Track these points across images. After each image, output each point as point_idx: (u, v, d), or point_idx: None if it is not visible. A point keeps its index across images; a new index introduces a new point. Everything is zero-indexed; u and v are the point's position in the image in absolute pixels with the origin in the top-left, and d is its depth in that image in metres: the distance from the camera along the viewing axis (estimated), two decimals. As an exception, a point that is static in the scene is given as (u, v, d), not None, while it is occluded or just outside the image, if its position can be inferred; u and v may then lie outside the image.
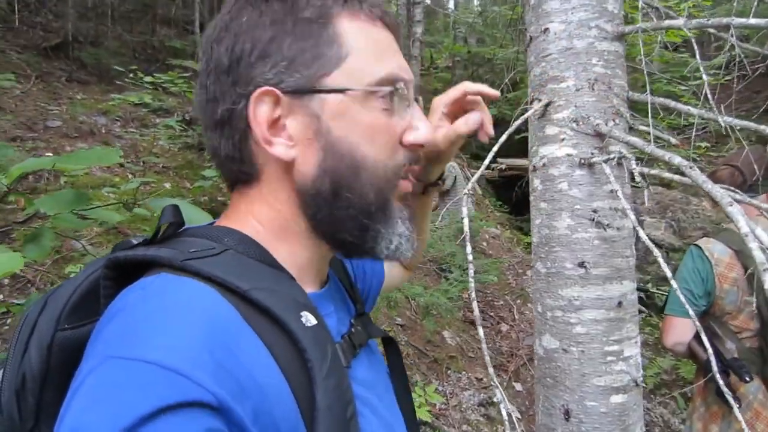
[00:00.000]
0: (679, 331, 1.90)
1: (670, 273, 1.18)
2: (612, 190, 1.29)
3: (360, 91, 0.57)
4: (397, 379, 0.74)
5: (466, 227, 1.25)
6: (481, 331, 1.15)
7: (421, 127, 0.63)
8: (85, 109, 5.67)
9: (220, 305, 0.48)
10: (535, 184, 1.45)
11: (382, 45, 0.61)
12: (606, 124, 1.31)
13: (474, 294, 1.21)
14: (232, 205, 0.64)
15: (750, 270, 1.78)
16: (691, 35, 1.27)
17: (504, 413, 1.08)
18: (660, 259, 1.16)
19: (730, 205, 0.95)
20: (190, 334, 0.44)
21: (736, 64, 1.48)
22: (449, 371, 3.93)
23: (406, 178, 0.63)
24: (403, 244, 0.62)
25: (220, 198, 4.62)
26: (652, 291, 4.41)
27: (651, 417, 3.75)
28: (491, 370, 1.13)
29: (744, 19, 1.15)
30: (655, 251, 1.15)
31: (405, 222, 0.63)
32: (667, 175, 1.20)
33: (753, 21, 1.15)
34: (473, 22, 12.19)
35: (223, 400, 0.41)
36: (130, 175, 4.57)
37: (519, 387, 4.09)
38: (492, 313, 5.10)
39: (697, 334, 1.82)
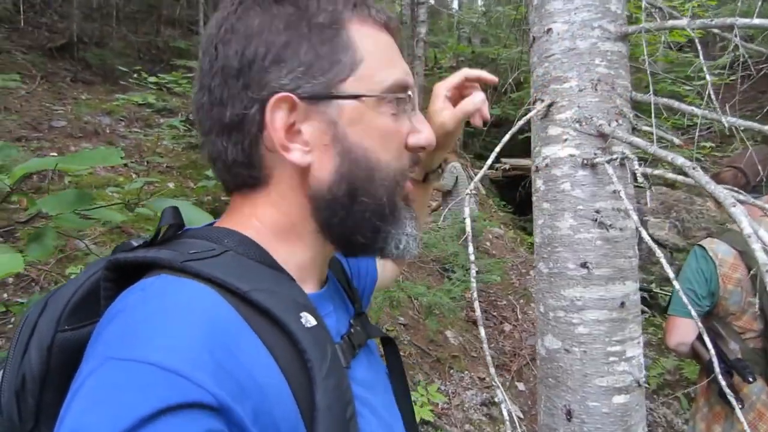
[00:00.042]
0: (683, 331, 1.89)
1: (672, 274, 1.17)
2: (615, 191, 1.29)
3: (374, 97, 0.58)
4: (396, 379, 0.74)
5: (468, 227, 1.25)
6: (483, 332, 1.15)
7: (424, 130, 0.64)
8: (90, 110, 5.70)
9: (220, 306, 0.49)
10: (538, 184, 1.45)
11: (390, 50, 0.62)
12: (609, 125, 1.31)
13: (476, 294, 1.21)
14: (233, 208, 0.63)
15: (753, 271, 1.77)
16: (695, 35, 1.27)
17: (505, 413, 1.08)
18: (662, 260, 1.15)
19: (733, 205, 0.95)
20: (190, 335, 0.44)
21: (740, 65, 1.47)
22: (452, 371, 3.93)
23: (408, 179, 0.65)
24: (410, 243, 0.64)
25: (223, 198, 4.63)
26: (655, 291, 4.40)
27: (654, 417, 3.75)
28: (492, 371, 1.13)
29: (748, 19, 1.15)
30: (658, 252, 1.15)
31: (411, 222, 0.64)
32: (670, 176, 1.20)
33: (757, 21, 1.14)
34: (477, 22, 12.19)
35: (223, 401, 0.41)
36: (134, 175, 4.59)
37: (522, 387, 4.09)
38: (495, 313, 5.10)
39: (700, 334, 1.82)
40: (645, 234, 1.19)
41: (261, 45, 0.56)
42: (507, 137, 1.36)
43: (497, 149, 1.34)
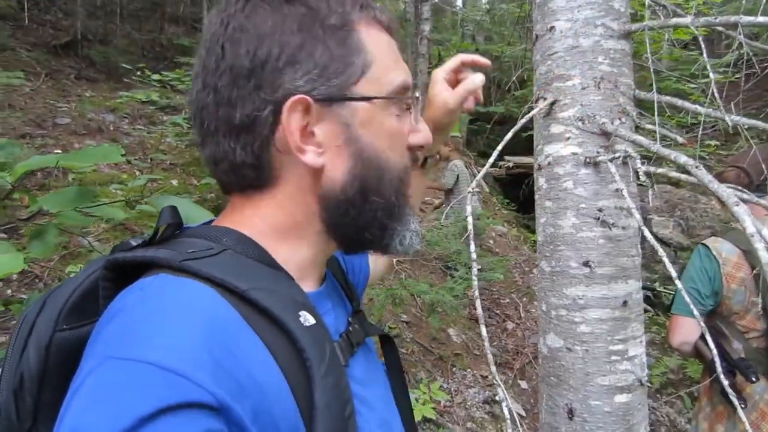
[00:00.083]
0: (686, 330, 1.88)
1: (675, 273, 1.17)
2: (617, 189, 1.28)
3: (384, 98, 0.59)
4: (394, 376, 0.75)
5: (470, 225, 1.25)
6: (484, 330, 1.14)
7: (423, 129, 0.66)
8: (94, 107, 5.71)
9: (219, 305, 0.49)
10: (540, 182, 1.44)
11: (394, 51, 0.63)
12: (612, 123, 1.30)
13: (477, 292, 1.21)
14: (234, 208, 0.63)
15: (756, 270, 1.77)
16: (699, 33, 1.26)
17: (506, 411, 1.08)
18: (665, 259, 1.15)
19: (737, 204, 0.95)
20: (189, 334, 0.44)
21: (744, 62, 1.46)
22: (454, 368, 3.93)
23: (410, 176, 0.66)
24: (414, 239, 0.65)
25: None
26: (659, 290, 4.39)
27: (657, 416, 3.74)
28: (493, 369, 1.12)
29: (752, 17, 1.14)
30: (660, 251, 1.14)
31: (414, 218, 0.66)
32: (674, 174, 1.19)
33: (761, 19, 1.13)
34: (481, 20, 12.16)
35: (222, 400, 0.41)
36: (138, 172, 4.60)
37: (524, 385, 4.09)
38: (498, 311, 5.10)
39: (703, 333, 1.81)
40: (647, 233, 1.19)
41: (274, 45, 0.55)
42: (509, 135, 1.36)
43: (499, 147, 1.34)
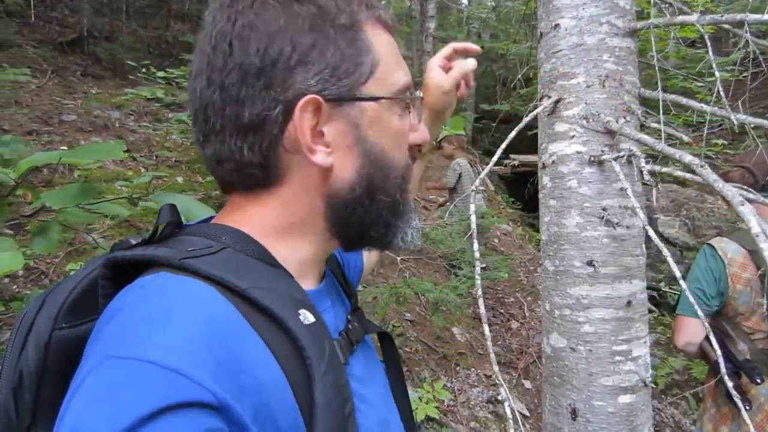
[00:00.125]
0: (691, 331, 1.87)
1: (679, 273, 1.16)
2: (622, 188, 1.28)
3: (391, 98, 0.60)
4: (393, 374, 0.75)
5: (473, 224, 1.24)
6: (487, 329, 1.14)
7: (421, 128, 0.67)
8: (100, 104, 5.73)
9: (219, 303, 0.48)
10: (545, 181, 1.44)
11: (396, 51, 0.64)
12: (617, 122, 1.29)
13: (480, 291, 1.20)
14: (234, 206, 0.62)
15: (761, 270, 1.75)
16: (705, 32, 1.25)
17: (508, 411, 1.08)
18: (669, 259, 1.14)
19: (742, 204, 0.94)
20: (189, 332, 0.44)
21: (750, 61, 1.45)
22: (458, 368, 3.92)
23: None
24: (415, 235, 0.67)
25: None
26: (664, 290, 4.36)
27: (662, 417, 3.72)
28: (496, 368, 1.12)
29: (759, 15, 1.13)
30: (665, 251, 1.14)
31: (415, 215, 0.67)
32: (679, 174, 1.19)
33: (768, 17, 1.12)
34: (487, 18, 12.11)
35: (222, 400, 0.41)
36: (143, 169, 4.61)
37: (528, 384, 4.08)
38: (502, 310, 5.09)
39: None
40: (652, 233, 1.18)
41: (286, 44, 0.54)
42: (513, 133, 1.36)
43: (503, 145, 1.34)
